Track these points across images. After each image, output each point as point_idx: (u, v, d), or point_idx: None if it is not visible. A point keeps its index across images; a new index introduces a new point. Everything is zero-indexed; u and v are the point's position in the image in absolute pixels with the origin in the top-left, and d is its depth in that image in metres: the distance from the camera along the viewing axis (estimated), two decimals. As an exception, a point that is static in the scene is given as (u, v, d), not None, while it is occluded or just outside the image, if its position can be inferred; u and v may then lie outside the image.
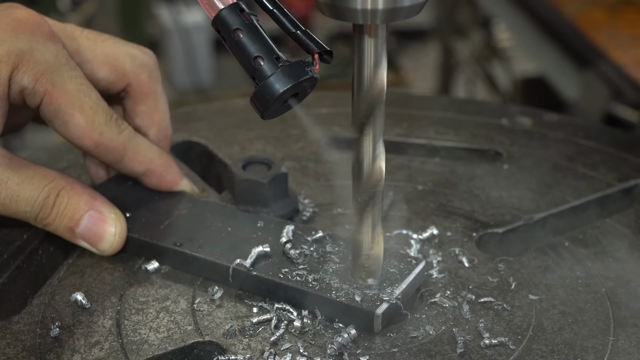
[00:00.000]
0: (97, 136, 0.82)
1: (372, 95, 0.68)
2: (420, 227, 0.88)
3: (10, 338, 0.74)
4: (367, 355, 0.71)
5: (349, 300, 0.74)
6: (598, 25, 2.07)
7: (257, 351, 0.72)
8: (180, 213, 0.87)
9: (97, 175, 0.93)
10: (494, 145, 1.06)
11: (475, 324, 0.75)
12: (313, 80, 0.69)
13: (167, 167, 0.89)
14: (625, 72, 1.83)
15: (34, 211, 0.80)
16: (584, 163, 1.02)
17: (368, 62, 0.68)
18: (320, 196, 0.94)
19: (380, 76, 0.68)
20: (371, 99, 0.69)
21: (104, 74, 0.88)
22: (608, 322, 0.75)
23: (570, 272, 0.82)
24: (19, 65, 0.79)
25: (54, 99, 0.80)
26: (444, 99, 1.59)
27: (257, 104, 0.68)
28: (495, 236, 0.88)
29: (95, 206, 0.82)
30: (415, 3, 0.64)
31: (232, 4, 0.69)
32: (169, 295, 0.79)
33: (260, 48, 0.68)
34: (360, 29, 0.67)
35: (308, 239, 0.81)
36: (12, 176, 0.79)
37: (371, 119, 0.70)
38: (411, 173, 1.00)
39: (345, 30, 4.47)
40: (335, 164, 1.00)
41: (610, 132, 1.13)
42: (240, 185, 0.87)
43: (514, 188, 0.96)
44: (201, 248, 0.81)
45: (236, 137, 1.08)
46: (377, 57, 0.68)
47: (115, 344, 0.73)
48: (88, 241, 0.82)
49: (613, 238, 0.87)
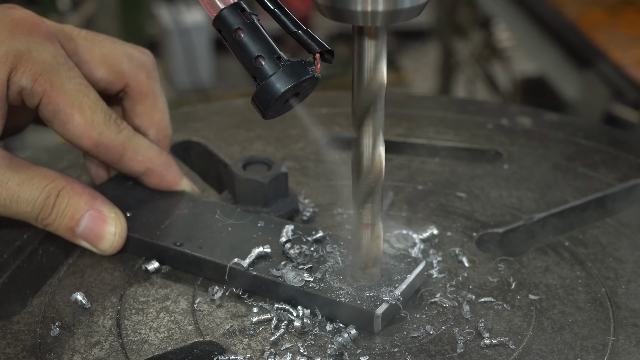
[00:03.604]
0: (96, 136, 0.82)
1: (372, 91, 0.68)
2: (420, 227, 0.88)
3: (10, 338, 0.74)
4: (367, 355, 0.71)
5: (349, 300, 0.74)
6: (598, 25, 2.07)
7: (257, 351, 0.72)
8: (180, 213, 0.87)
9: (97, 175, 0.93)
10: (494, 145, 1.06)
11: (476, 324, 0.75)
12: (314, 80, 0.69)
13: (167, 166, 0.89)
14: (625, 72, 1.84)
15: (35, 211, 0.80)
16: (584, 163, 1.02)
17: (368, 64, 0.68)
18: (320, 196, 0.94)
19: (380, 74, 0.68)
20: (371, 92, 0.68)
21: (102, 74, 0.88)
22: (608, 322, 0.75)
23: (570, 272, 0.82)
24: (17, 66, 0.79)
25: (53, 99, 0.80)
26: (444, 99, 1.59)
27: (259, 104, 0.68)
28: (495, 236, 0.88)
29: (95, 206, 0.82)
30: (416, 5, 0.64)
31: (233, 4, 0.69)
32: (169, 295, 0.79)
33: (261, 48, 0.68)
34: (360, 31, 0.67)
35: (308, 239, 0.81)
36: (12, 177, 0.79)
37: (371, 110, 0.69)
38: (411, 173, 1.00)
39: (345, 30, 4.47)
40: (335, 164, 1.00)
41: (610, 132, 1.13)
42: (240, 185, 0.87)
43: (514, 188, 0.96)
44: (201, 248, 0.81)
45: (236, 137, 1.08)
46: (377, 58, 0.68)
47: (116, 344, 0.73)
48: (88, 241, 0.82)
49: (613, 238, 0.87)
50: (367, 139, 0.71)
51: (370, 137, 0.71)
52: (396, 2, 0.63)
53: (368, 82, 0.68)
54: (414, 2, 0.64)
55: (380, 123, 0.70)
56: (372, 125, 0.70)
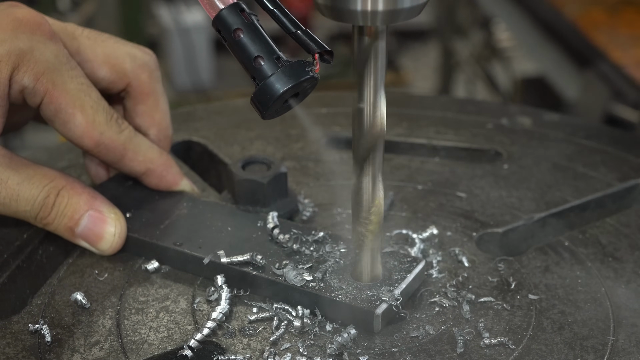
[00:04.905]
0: (98, 135, 0.82)
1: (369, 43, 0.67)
2: (420, 226, 0.88)
3: (10, 338, 0.74)
4: (367, 355, 0.71)
5: (348, 300, 0.74)
6: (598, 25, 2.07)
7: (257, 351, 0.72)
8: (180, 213, 0.87)
9: (97, 175, 0.93)
10: (494, 145, 1.06)
11: (475, 324, 0.75)
12: (313, 80, 0.69)
13: (167, 166, 0.89)
14: (625, 72, 1.84)
15: (34, 211, 0.81)
16: (584, 163, 1.02)
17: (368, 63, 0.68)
18: (320, 196, 0.94)
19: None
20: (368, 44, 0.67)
21: (104, 73, 0.88)
22: (608, 322, 0.75)
23: (570, 272, 0.82)
24: (19, 65, 0.79)
25: (55, 98, 0.80)
26: (444, 99, 1.59)
27: (258, 104, 0.68)
28: (495, 236, 0.88)
29: (95, 206, 0.82)
30: (416, 4, 0.64)
31: (233, 4, 0.69)
32: (169, 294, 0.79)
33: (260, 48, 0.68)
34: (360, 31, 0.67)
35: (308, 239, 0.81)
36: (12, 176, 0.79)
37: (371, 59, 0.68)
38: (411, 173, 1.00)
39: (345, 30, 4.47)
40: (335, 163, 1.00)
41: (610, 132, 1.13)
42: (240, 185, 0.87)
43: (514, 188, 0.96)
44: (201, 248, 0.81)
45: (236, 137, 1.08)
46: (376, 59, 0.68)
47: (115, 344, 0.73)
48: (88, 241, 0.82)
49: (613, 238, 0.87)
50: (367, 89, 0.69)
51: (371, 88, 0.69)
52: (396, 1, 0.63)
53: (368, 79, 0.68)
54: (414, 1, 0.64)
55: (382, 68, 0.68)
56: (373, 72, 0.68)
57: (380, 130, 0.70)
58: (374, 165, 0.71)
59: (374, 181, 0.72)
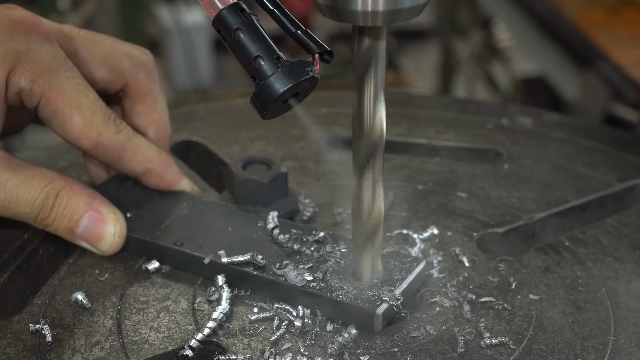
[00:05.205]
0: (96, 136, 0.82)
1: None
2: (421, 227, 0.88)
3: (11, 337, 0.74)
4: (368, 355, 0.71)
5: (349, 300, 0.74)
6: (598, 25, 2.07)
7: (257, 351, 0.72)
8: (180, 213, 0.87)
9: (97, 175, 0.93)
10: (494, 145, 1.06)
11: (476, 324, 0.75)
12: (313, 80, 0.69)
13: (167, 166, 0.89)
14: (625, 72, 1.83)
15: (34, 212, 0.80)
16: (584, 163, 1.02)
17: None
18: (320, 196, 0.94)
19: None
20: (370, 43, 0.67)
21: (101, 74, 0.88)
22: (608, 322, 0.75)
23: (570, 272, 0.82)
24: (15, 67, 0.79)
25: (52, 99, 0.80)
26: (444, 99, 1.59)
27: (258, 104, 0.68)
28: (496, 236, 0.88)
29: (94, 206, 0.82)
30: (416, 4, 0.64)
31: (233, 4, 0.69)
32: (170, 294, 0.79)
33: (260, 48, 0.68)
34: (360, 31, 0.67)
35: (308, 239, 0.81)
36: (11, 178, 0.79)
37: (372, 62, 0.68)
38: (411, 173, 1.00)
39: (345, 30, 4.47)
40: (335, 164, 1.00)
41: (610, 132, 1.13)
42: (240, 185, 0.87)
43: (514, 188, 0.96)
44: (202, 248, 0.81)
45: (236, 137, 1.08)
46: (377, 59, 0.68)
47: (116, 344, 0.73)
48: (88, 241, 0.82)
49: (613, 238, 0.87)
50: (367, 92, 0.69)
51: (371, 90, 0.69)
52: (396, 2, 0.63)
53: (368, 79, 0.68)
54: (414, 1, 0.64)
55: (383, 73, 0.68)
56: (373, 77, 0.68)
57: (379, 135, 0.70)
58: (374, 171, 0.72)
59: (373, 187, 0.72)
